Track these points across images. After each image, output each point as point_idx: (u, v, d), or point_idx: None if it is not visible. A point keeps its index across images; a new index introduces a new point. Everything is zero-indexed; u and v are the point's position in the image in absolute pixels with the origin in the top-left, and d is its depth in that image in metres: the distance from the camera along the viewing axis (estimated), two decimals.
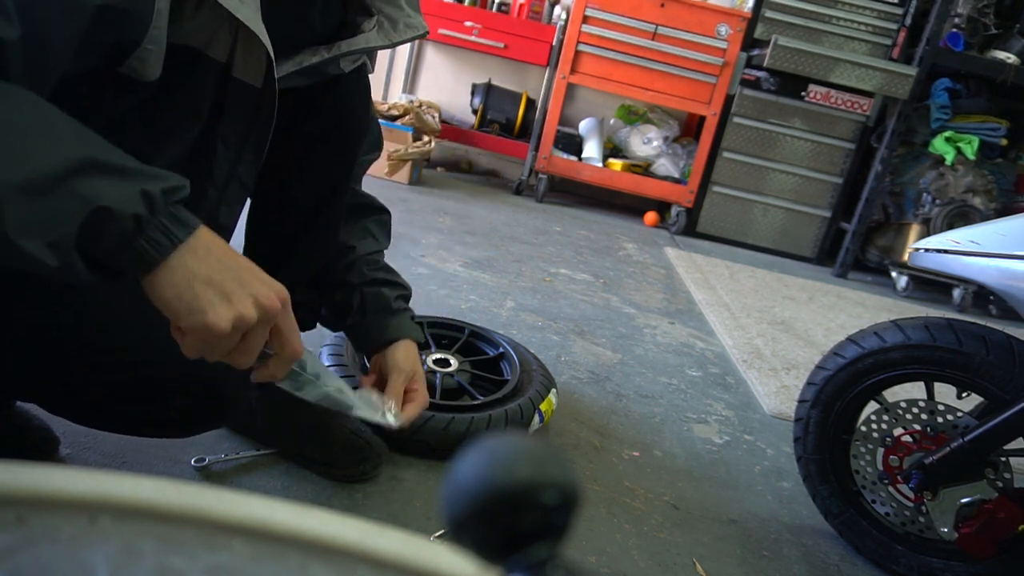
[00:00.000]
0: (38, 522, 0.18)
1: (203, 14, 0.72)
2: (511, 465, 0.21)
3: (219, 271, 0.59)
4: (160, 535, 0.18)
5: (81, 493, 0.18)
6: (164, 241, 0.57)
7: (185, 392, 0.84)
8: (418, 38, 0.95)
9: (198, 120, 0.80)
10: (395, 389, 1.01)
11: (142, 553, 0.18)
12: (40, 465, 0.19)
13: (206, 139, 0.83)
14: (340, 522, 0.20)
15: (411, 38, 0.93)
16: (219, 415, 0.92)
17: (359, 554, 0.19)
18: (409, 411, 1.01)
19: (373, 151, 1.16)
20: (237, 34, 0.77)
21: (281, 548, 0.19)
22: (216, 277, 0.59)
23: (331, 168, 1.03)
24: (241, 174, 0.87)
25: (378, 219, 1.18)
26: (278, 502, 0.20)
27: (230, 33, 0.76)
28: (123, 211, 0.54)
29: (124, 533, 0.18)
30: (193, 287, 0.57)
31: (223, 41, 0.77)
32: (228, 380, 0.87)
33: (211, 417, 0.92)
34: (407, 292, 1.15)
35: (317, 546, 0.19)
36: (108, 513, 0.18)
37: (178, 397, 0.85)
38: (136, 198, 0.55)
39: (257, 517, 0.19)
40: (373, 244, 1.15)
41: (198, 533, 0.19)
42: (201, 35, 0.75)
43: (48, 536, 0.18)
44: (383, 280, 1.12)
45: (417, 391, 1.04)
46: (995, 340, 1.09)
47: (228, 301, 0.59)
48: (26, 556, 0.17)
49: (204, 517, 0.19)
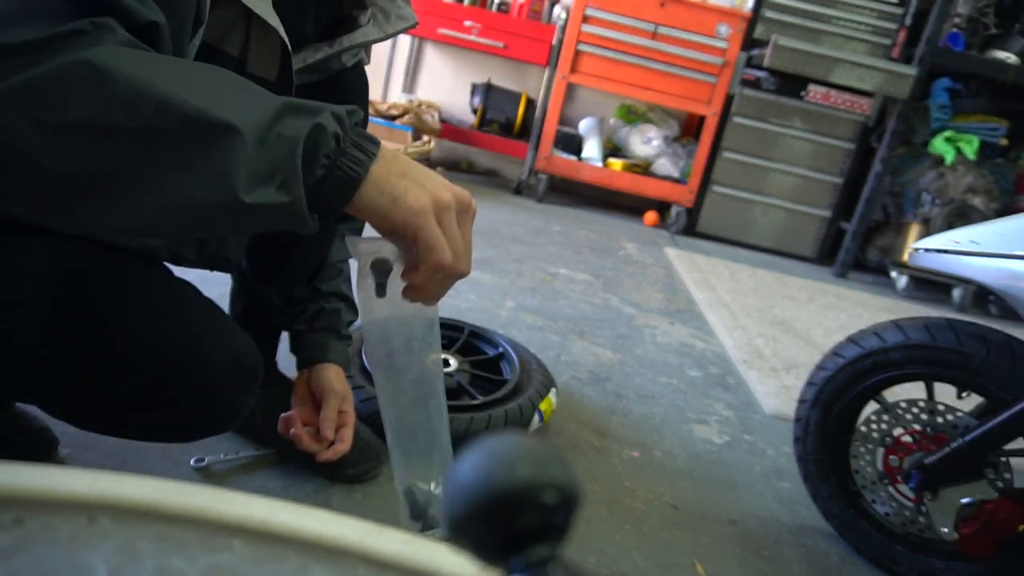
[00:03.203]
0: (37, 522, 0.18)
1: (219, 9, 0.73)
2: (511, 465, 0.21)
3: (410, 167, 0.62)
4: (159, 535, 0.18)
5: (80, 493, 0.18)
6: (362, 156, 0.59)
7: (190, 399, 0.83)
8: (409, 28, 0.95)
9: None
10: (330, 413, 1.04)
11: (141, 553, 0.18)
12: (39, 465, 0.19)
13: None
14: (340, 522, 0.20)
15: (403, 29, 0.94)
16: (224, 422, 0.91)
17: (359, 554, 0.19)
18: (345, 433, 1.04)
19: None
20: (250, 28, 0.78)
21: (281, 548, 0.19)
22: (408, 171, 0.61)
23: None
24: None
25: (353, 226, 1.17)
26: (278, 502, 0.20)
27: (243, 27, 0.77)
28: (329, 128, 0.57)
29: (123, 533, 0.18)
30: (391, 180, 0.60)
31: (238, 36, 0.78)
32: (233, 386, 0.86)
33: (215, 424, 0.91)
34: (355, 318, 1.16)
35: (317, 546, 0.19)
36: (107, 513, 0.18)
37: (183, 405, 0.84)
38: (331, 119, 0.57)
39: (257, 517, 0.19)
40: (343, 251, 1.15)
41: (198, 533, 0.19)
42: (216, 30, 0.75)
43: (47, 537, 0.18)
44: (346, 296, 1.13)
45: (348, 412, 1.06)
46: (995, 340, 1.09)
47: (423, 187, 0.61)
48: (25, 557, 0.17)
49: (204, 517, 0.19)
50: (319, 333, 1.10)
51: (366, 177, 0.59)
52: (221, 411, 0.87)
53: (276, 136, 0.55)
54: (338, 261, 1.14)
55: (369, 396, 1.22)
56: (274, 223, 0.58)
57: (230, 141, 0.53)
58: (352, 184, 0.58)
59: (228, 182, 0.53)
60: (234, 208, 0.54)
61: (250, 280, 1.10)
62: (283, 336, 1.16)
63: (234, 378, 0.86)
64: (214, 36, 0.76)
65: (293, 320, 1.11)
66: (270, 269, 1.08)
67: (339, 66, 0.94)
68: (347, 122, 0.59)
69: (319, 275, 1.11)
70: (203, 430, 0.91)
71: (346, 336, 1.12)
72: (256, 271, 1.09)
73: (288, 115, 0.56)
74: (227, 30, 0.77)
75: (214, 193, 0.54)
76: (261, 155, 0.54)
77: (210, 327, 0.86)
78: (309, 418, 1.05)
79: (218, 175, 0.53)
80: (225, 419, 0.89)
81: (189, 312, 0.85)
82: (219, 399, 0.85)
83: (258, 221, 0.58)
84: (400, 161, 0.62)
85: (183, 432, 0.89)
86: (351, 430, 1.05)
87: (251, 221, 0.59)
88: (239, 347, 0.87)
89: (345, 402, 1.06)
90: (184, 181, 0.53)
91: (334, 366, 1.08)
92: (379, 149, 0.61)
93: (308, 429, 1.03)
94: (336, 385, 1.06)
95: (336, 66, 0.93)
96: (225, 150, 0.53)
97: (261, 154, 0.54)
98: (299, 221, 0.58)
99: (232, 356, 0.85)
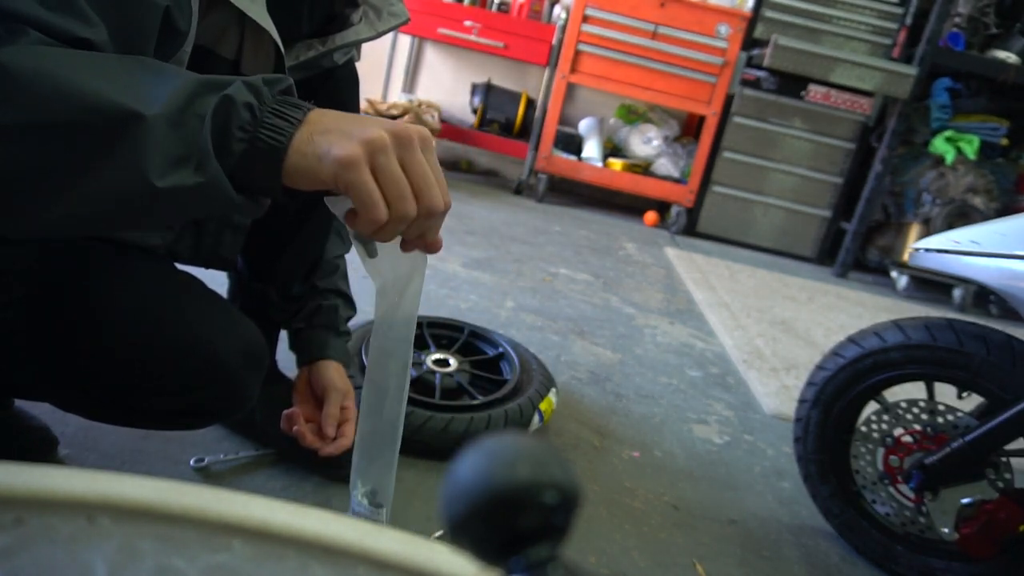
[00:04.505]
0: (37, 522, 0.18)
1: (214, 13, 0.73)
2: (511, 465, 0.21)
3: (338, 120, 0.57)
4: (159, 535, 0.18)
5: (80, 493, 0.18)
6: (283, 124, 0.55)
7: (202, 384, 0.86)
8: (401, 25, 0.95)
9: None
10: (332, 410, 1.04)
11: (141, 553, 0.18)
12: (39, 465, 0.19)
13: None
14: (340, 522, 0.20)
15: (395, 26, 0.94)
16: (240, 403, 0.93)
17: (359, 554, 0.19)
18: (347, 429, 1.04)
19: None
20: (244, 31, 0.78)
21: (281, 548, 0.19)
22: (335, 125, 0.56)
23: None
24: None
25: None
26: (278, 502, 0.20)
27: (238, 30, 0.78)
28: (238, 100, 0.53)
29: (123, 533, 0.18)
30: (314, 140, 0.55)
31: (232, 38, 0.78)
32: (245, 369, 0.89)
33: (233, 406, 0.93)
34: (354, 314, 1.17)
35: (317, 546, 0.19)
36: (107, 513, 0.18)
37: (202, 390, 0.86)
38: (243, 90, 0.54)
39: (257, 517, 0.19)
40: (339, 247, 1.16)
41: (198, 533, 0.19)
42: (210, 34, 0.76)
43: (47, 536, 0.18)
44: (343, 293, 1.14)
45: (350, 408, 1.07)
46: (995, 340, 1.09)
47: (350, 136, 0.56)
48: (25, 557, 0.17)
49: (204, 517, 0.19)
50: (317, 330, 1.10)
51: (291, 144, 0.55)
52: (236, 393, 0.90)
53: (189, 116, 0.53)
54: (334, 257, 1.14)
55: None
56: (201, 207, 0.56)
57: (136, 128, 0.51)
58: (276, 153, 0.55)
59: (139, 169, 0.51)
60: (151, 195, 0.52)
61: (247, 278, 1.10)
62: (282, 335, 1.16)
63: (246, 361, 0.89)
64: (209, 39, 0.76)
65: (291, 318, 1.11)
66: (267, 267, 1.08)
67: (330, 64, 0.94)
68: (264, 91, 0.55)
69: (316, 272, 1.11)
70: (222, 413, 0.94)
71: (344, 333, 1.13)
72: (253, 269, 1.10)
73: (203, 94, 0.54)
74: (222, 33, 0.78)
75: (127, 182, 0.52)
76: (174, 138, 0.52)
77: (220, 315, 0.89)
78: (311, 415, 1.06)
79: (129, 163, 0.51)
80: (240, 401, 0.91)
81: (200, 302, 0.88)
82: (234, 382, 0.88)
83: (182, 207, 0.56)
84: (326, 118, 0.57)
85: (203, 416, 0.92)
86: (353, 426, 1.06)
87: (174, 207, 0.56)
88: (247, 334, 0.91)
89: (347, 398, 1.07)
90: (97, 173, 0.52)
91: (334, 363, 1.09)
92: (306, 114, 0.56)
93: (311, 426, 1.04)
94: (337, 382, 1.06)
95: (327, 64, 0.94)
96: (133, 137, 0.51)
97: (174, 137, 0.52)
98: (225, 202, 0.54)
99: (242, 342, 0.89)
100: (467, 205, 3.13)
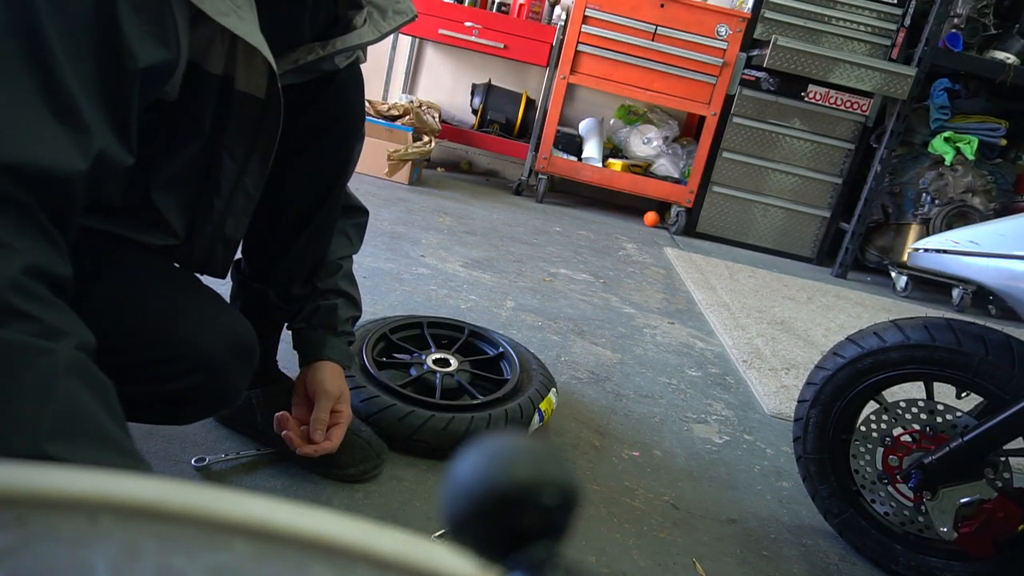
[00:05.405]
0: (38, 522, 0.18)
1: (198, 29, 0.74)
2: (511, 465, 0.21)
3: None
4: (160, 535, 0.18)
5: (81, 493, 0.18)
6: None
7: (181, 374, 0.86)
8: (408, 22, 0.95)
9: (200, 132, 0.82)
10: (321, 415, 1.04)
11: (142, 553, 0.18)
12: (40, 464, 0.19)
13: (212, 152, 0.84)
14: (340, 522, 0.20)
15: (401, 24, 0.93)
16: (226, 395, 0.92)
17: (359, 554, 0.19)
18: (335, 432, 1.04)
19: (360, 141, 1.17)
20: (235, 46, 0.78)
21: (281, 548, 0.19)
22: None
23: (328, 163, 1.04)
24: (247, 185, 0.89)
25: (356, 221, 1.18)
26: (278, 502, 0.20)
27: (223, 45, 0.77)
28: None
29: (124, 533, 0.18)
30: None
31: (217, 54, 0.78)
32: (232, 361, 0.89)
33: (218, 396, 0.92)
34: (358, 314, 1.16)
35: (317, 546, 0.19)
36: (108, 513, 0.18)
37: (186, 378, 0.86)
38: None
39: (257, 517, 0.19)
40: (346, 247, 1.15)
41: (198, 533, 0.19)
42: (196, 50, 0.76)
43: (48, 536, 0.18)
44: (344, 292, 1.13)
45: (342, 412, 1.06)
46: (994, 340, 1.09)
47: None
48: (26, 556, 0.17)
49: (204, 517, 0.19)
50: (316, 330, 1.10)
51: None
52: (220, 384, 0.89)
53: None
54: (338, 258, 1.13)
55: (369, 396, 1.22)
56: None
57: None
58: None
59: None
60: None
61: (248, 279, 1.10)
62: (286, 335, 1.16)
63: (232, 354, 0.89)
64: (196, 54, 0.77)
65: (292, 318, 1.11)
66: (267, 268, 1.08)
67: (331, 67, 0.94)
68: None
69: (317, 273, 1.11)
70: (207, 404, 0.93)
71: (344, 332, 1.12)
72: (254, 270, 1.10)
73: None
74: (207, 49, 0.77)
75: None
76: None
77: (207, 307, 0.89)
78: (306, 418, 1.05)
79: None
80: (225, 392, 0.91)
81: (186, 294, 0.89)
82: (218, 373, 0.88)
83: None
84: None
85: (187, 407, 0.91)
86: (342, 430, 1.05)
87: None
88: (236, 327, 0.91)
89: (339, 402, 1.06)
90: None
91: (331, 364, 1.08)
92: None
93: (303, 428, 1.04)
94: (328, 385, 1.06)
95: (328, 67, 0.93)
96: None
97: None
98: None
99: (230, 334, 0.89)
100: (467, 205, 3.13)
